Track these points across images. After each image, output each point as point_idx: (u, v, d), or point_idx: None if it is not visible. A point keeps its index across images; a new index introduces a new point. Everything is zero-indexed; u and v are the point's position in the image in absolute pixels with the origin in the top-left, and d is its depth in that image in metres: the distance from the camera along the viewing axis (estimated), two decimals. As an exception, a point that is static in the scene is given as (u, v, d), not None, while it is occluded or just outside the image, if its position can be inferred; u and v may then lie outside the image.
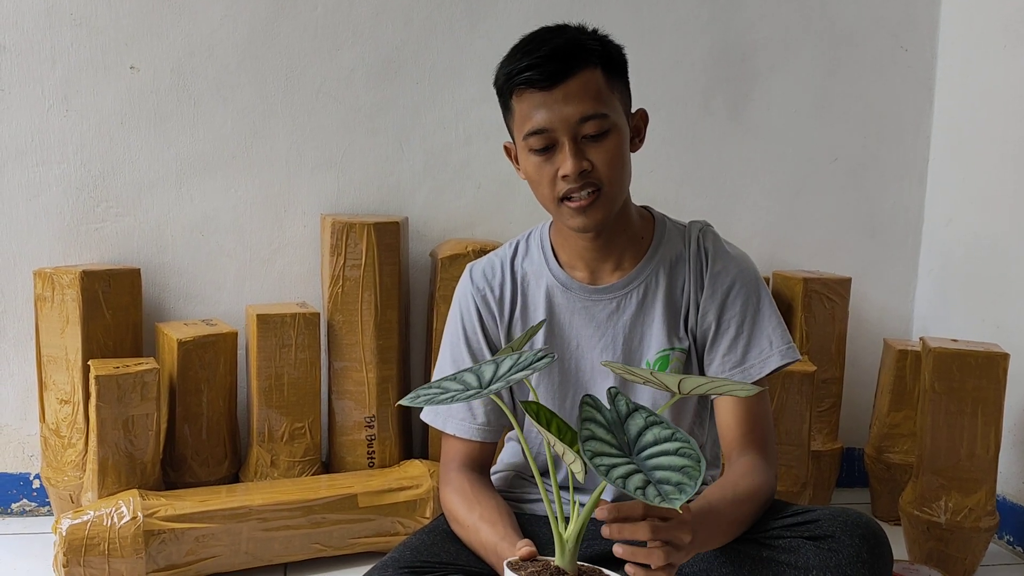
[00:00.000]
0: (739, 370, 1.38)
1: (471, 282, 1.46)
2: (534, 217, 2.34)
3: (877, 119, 2.51)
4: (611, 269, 1.41)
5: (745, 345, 1.39)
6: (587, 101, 1.27)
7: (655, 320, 1.40)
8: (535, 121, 1.28)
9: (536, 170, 1.32)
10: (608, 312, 1.40)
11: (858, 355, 2.51)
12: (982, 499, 1.98)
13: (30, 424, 2.21)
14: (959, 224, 2.43)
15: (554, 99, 1.27)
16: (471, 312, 1.44)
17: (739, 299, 1.39)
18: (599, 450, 0.95)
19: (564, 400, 1.43)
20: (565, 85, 1.27)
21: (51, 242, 2.18)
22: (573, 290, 1.41)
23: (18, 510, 2.24)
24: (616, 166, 1.30)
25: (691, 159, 2.40)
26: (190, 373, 2.06)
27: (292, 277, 2.31)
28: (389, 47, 2.28)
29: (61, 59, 2.14)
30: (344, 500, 1.97)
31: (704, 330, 1.40)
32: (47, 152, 2.16)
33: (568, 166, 1.27)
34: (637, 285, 1.40)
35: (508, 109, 1.35)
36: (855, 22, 2.47)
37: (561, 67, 1.26)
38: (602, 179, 1.29)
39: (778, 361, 1.38)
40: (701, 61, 2.38)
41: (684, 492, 0.92)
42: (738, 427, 1.36)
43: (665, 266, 1.41)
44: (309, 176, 2.29)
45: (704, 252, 1.42)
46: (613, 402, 1.01)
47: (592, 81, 1.28)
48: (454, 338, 1.46)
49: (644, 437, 0.99)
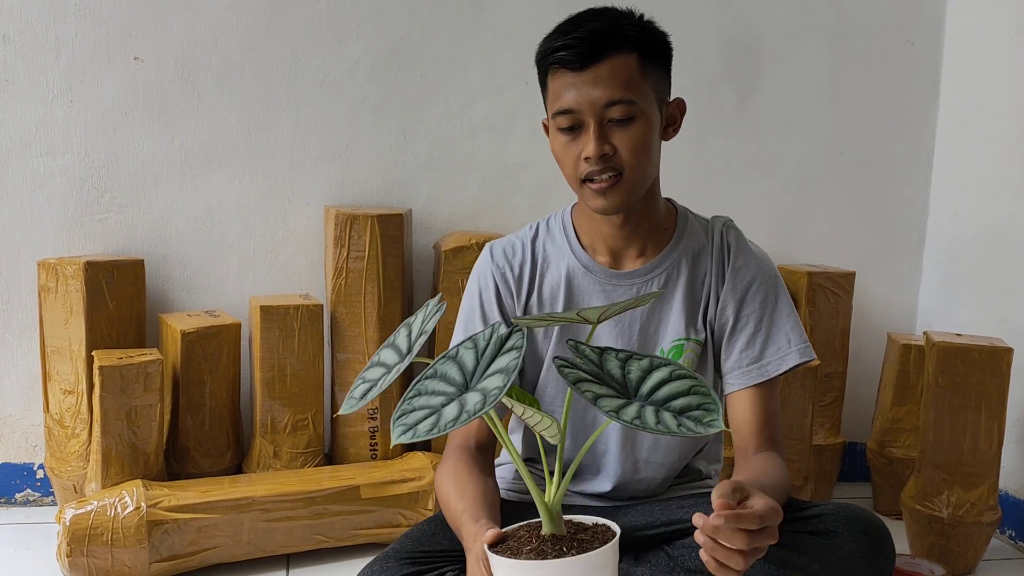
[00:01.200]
0: (756, 366, 1.39)
1: (491, 258, 1.46)
2: (539, 209, 2.36)
3: (883, 112, 2.51)
4: (634, 255, 1.42)
5: (763, 342, 1.40)
6: (615, 86, 1.28)
7: (673, 309, 1.41)
8: (564, 100, 1.30)
9: (562, 149, 1.33)
10: (627, 298, 1.40)
11: (861, 349, 2.51)
12: (984, 494, 1.98)
13: (34, 414, 2.22)
14: (964, 218, 2.42)
15: (583, 81, 1.28)
16: (489, 287, 1.45)
17: (759, 295, 1.40)
18: (600, 392, 0.94)
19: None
20: (596, 68, 1.28)
21: (55, 233, 2.18)
22: (595, 273, 1.42)
23: (22, 500, 2.24)
24: (639, 153, 1.30)
25: (696, 151, 2.39)
26: (193, 364, 2.06)
27: (295, 269, 2.31)
28: (393, 39, 2.28)
29: (65, 49, 2.14)
30: (346, 492, 1.97)
31: (722, 323, 1.41)
32: (51, 143, 2.16)
33: (590, 148, 1.29)
34: (659, 273, 1.41)
35: (544, 85, 1.37)
36: (862, 15, 2.46)
37: (594, 50, 1.27)
38: (623, 164, 1.30)
39: (796, 359, 1.39)
40: (707, 53, 2.37)
41: (713, 416, 0.92)
42: (755, 422, 1.38)
43: (688, 257, 1.42)
44: (313, 168, 2.29)
45: (727, 246, 1.42)
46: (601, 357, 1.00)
47: (624, 67, 1.28)
48: (469, 313, 1.46)
49: (647, 382, 0.98)
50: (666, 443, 1.44)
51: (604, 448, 1.45)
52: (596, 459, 1.46)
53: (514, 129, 2.35)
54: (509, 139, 2.36)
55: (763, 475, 1.26)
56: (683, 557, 1.33)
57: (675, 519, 1.37)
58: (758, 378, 1.39)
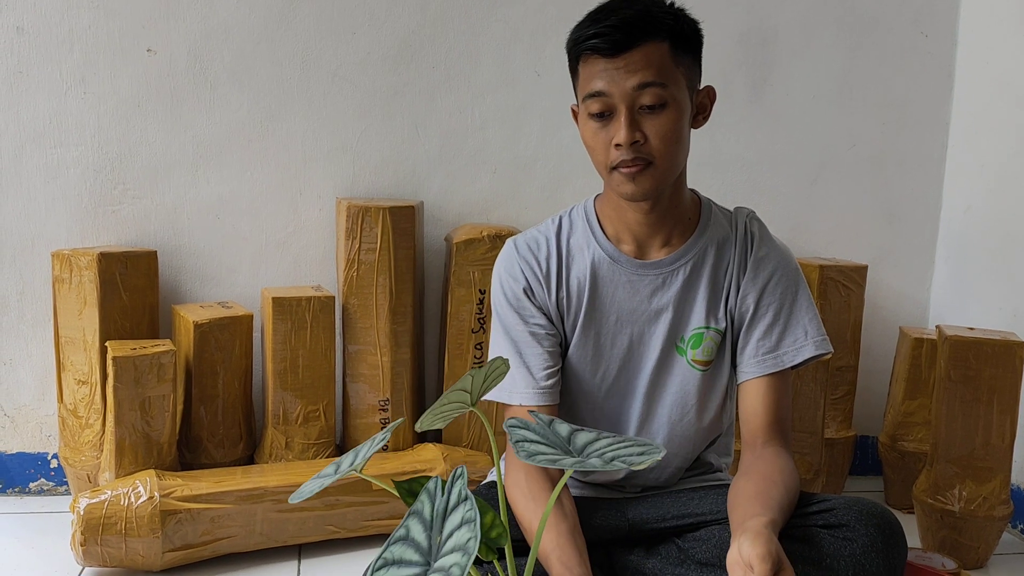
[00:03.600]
0: (772, 356, 1.39)
1: (515, 252, 1.45)
2: (550, 202, 2.36)
3: (896, 106, 2.49)
4: (659, 245, 1.42)
5: (781, 332, 1.40)
6: (647, 71, 1.28)
7: (697, 298, 1.41)
8: (595, 84, 1.30)
9: (592, 136, 1.33)
10: (653, 287, 1.41)
11: (873, 343, 2.51)
12: (996, 488, 1.97)
13: (48, 404, 2.23)
14: (977, 212, 2.41)
15: (616, 66, 1.28)
16: (519, 281, 1.43)
17: (779, 287, 1.41)
18: (536, 451, 0.91)
19: (595, 373, 1.44)
20: (628, 55, 1.28)
21: (68, 224, 2.19)
22: (620, 263, 1.41)
23: (36, 489, 2.26)
24: (670, 140, 1.30)
25: (709, 143, 2.39)
26: (206, 355, 2.07)
27: (307, 260, 2.31)
28: (405, 31, 2.28)
29: (79, 41, 2.15)
30: (358, 483, 1.98)
31: (742, 312, 1.41)
32: (65, 134, 2.17)
33: (622, 135, 1.28)
34: (685, 263, 1.41)
35: (574, 72, 1.36)
36: (875, 8, 2.45)
37: (626, 37, 1.27)
38: (653, 152, 1.30)
39: (812, 351, 1.39)
40: (721, 45, 2.37)
41: (649, 455, 0.88)
42: (765, 414, 1.37)
43: (713, 246, 1.42)
44: (325, 160, 2.29)
45: (751, 236, 1.42)
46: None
47: (656, 53, 1.28)
48: (502, 308, 1.44)
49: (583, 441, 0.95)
50: (680, 434, 1.44)
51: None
52: None
53: (526, 122, 2.35)
54: (520, 132, 2.36)
55: (773, 485, 1.25)
56: (694, 550, 1.34)
57: (686, 512, 1.37)
58: (772, 368, 1.39)
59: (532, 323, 1.42)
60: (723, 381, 1.44)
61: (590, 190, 1.51)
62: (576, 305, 1.43)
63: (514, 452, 0.89)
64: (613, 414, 1.45)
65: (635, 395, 1.43)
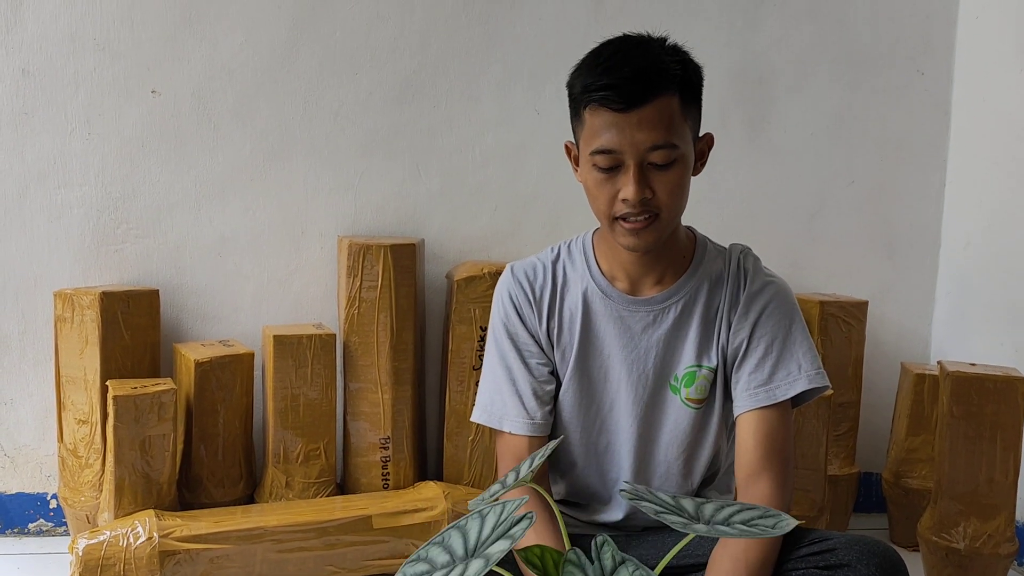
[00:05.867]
0: (764, 390, 1.37)
1: (512, 277, 1.47)
2: (551, 239, 2.36)
3: (894, 142, 2.51)
4: (652, 282, 1.42)
5: (773, 365, 1.38)
6: (659, 130, 1.26)
7: (689, 336, 1.40)
8: (604, 140, 1.27)
9: (597, 186, 1.32)
10: (644, 324, 1.41)
11: (875, 379, 2.50)
12: (1001, 525, 1.96)
13: (48, 444, 2.23)
14: (977, 247, 2.42)
15: (627, 122, 1.26)
16: (511, 305, 1.45)
17: (772, 320, 1.39)
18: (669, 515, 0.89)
19: (588, 409, 1.43)
20: (640, 110, 1.25)
21: (71, 263, 2.21)
22: (612, 298, 1.42)
23: (35, 530, 2.25)
24: (676, 195, 1.30)
25: (708, 180, 2.40)
26: (207, 394, 2.07)
27: (309, 298, 2.32)
28: (407, 71, 2.31)
29: (84, 83, 2.17)
30: (358, 522, 1.97)
31: (735, 348, 1.40)
32: (69, 175, 2.19)
33: (630, 191, 1.27)
34: (676, 300, 1.41)
35: (578, 117, 1.33)
36: (872, 45, 2.47)
37: (640, 91, 1.25)
38: (661, 207, 1.30)
39: (805, 384, 1.37)
40: (719, 83, 2.39)
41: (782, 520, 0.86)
42: (756, 448, 1.35)
43: (706, 284, 1.42)
44: (326, 198, 2.31)
45: (743, 272, 1.42)
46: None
47: (667, 108, 1.27)
48: (498, 333, 1.46)
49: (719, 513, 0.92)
50: (677, 471, 1.44)
51: (616, 476, 1.44)
52: (608, 487, 1.46)
53: (526, 159, 2.37)
54: (521, 169, 2.37)
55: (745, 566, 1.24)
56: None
57: (687, 552, 1.36)
58: (765, 401, 1.37)
59: (525, 350, 1.43)
60: (716, 419, 1.43)
61: (590, 226, 1.51)
62: (568, 337, 1.43)
63: None
64: (607, 451, 1.44)
65: (628, 432, 1.43)
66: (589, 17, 2.35)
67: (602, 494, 1.46)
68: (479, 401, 1.47)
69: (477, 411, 1.47)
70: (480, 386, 1.49)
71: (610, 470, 1.45)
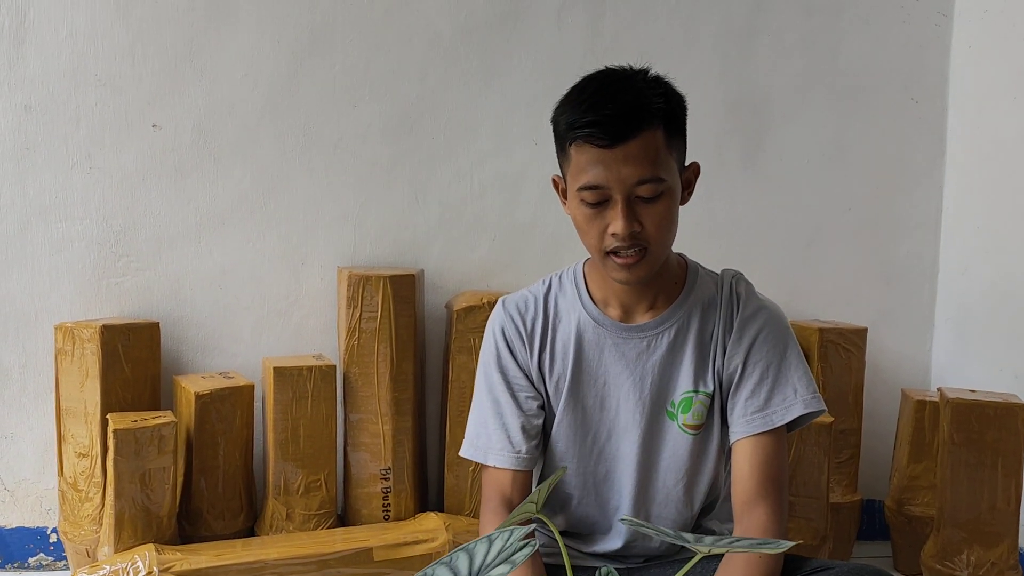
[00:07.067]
0: (760, 415, 1.37)
1: (504, 311, 1.47)
2: (550, 267, 2.35)
3: (890, 169, 2.53)
4: (644, 309, 1.42)
5: (769, 391, 1.38)
6: (645, 164, 1.26)
7: (684, 362, 1.41)
8: (591, 176, 1.28)
9: (586, 221, 1.32)
10: (638, 351, 1.41)
11: (876, 405, 2.49)
12: (1004, 553, 1.95)
13: (48, 478, 2.22)
14: (974, 273, 2.42)
15: (613, 157, 1.26)
16: (502, 339, 1.45)
17: (766, 345, 1.40)
18: None
19: (585, 438, 1.43)
20: (626, 146, 1.26)
21: (72, 296, 2.21)
22: (605, 326, 1.42)
23: (35, 564, 2.24)
24: (665, 227, 1.31)
25: (704, 209, 2.42)
26: (207, 426, 2.07)
27: (309, 329, 2.33)
28: (405, 103, 2.33)
29: (85, 118, 2.19)
30: (359, 554, 1.96)
31: (730, 373, 1.40)
32: (70, 208, 2.20)
33: (619, 226, 1.28)
34: (669, 326, 1.41)
35: (564, 152, 1.34)
36: (866, 74, 2.49)
37: (624, 127, 1.25)
38: (650, 240, 1.30)
39: (801, 409, 1.37)
40: (714, 112, 2.41)
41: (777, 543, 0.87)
42: (752, 476, 1.35)
43: (698, 309, 1.42)
44: (326, 229, 2.32)
45: (736, 297, 1.42)
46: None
47: (653, 143, 1.27)
48: (487, 366, 1.47)
49: None
50: (676, 498, 1.43)
51: (617, 504, 1.44)
52: (607, 516, 1.45)
53: (524, 189, 2.39)
54: (519, 199, 2.39)
55: None
56: (697, 622, 1.32)
57: None
58: (761, 427, 1.37)
59: (515, 383, 1.44)
60: (715, 444, 1.43)
61: (588, 254, 1.52)
62: (561, 368, 1.43)
63: (489, 511, 0.87)
64: (606, 479, 1.44)
65: (627, 460, 1.42)
66: (585, 48, 2.37)
67: (601, 523, 1.46)
68: (467, 435, 1.48)
69: (464, 445, 1.47)
70: (469, 420, 1.49)
71: (610, 499, 1.44)
